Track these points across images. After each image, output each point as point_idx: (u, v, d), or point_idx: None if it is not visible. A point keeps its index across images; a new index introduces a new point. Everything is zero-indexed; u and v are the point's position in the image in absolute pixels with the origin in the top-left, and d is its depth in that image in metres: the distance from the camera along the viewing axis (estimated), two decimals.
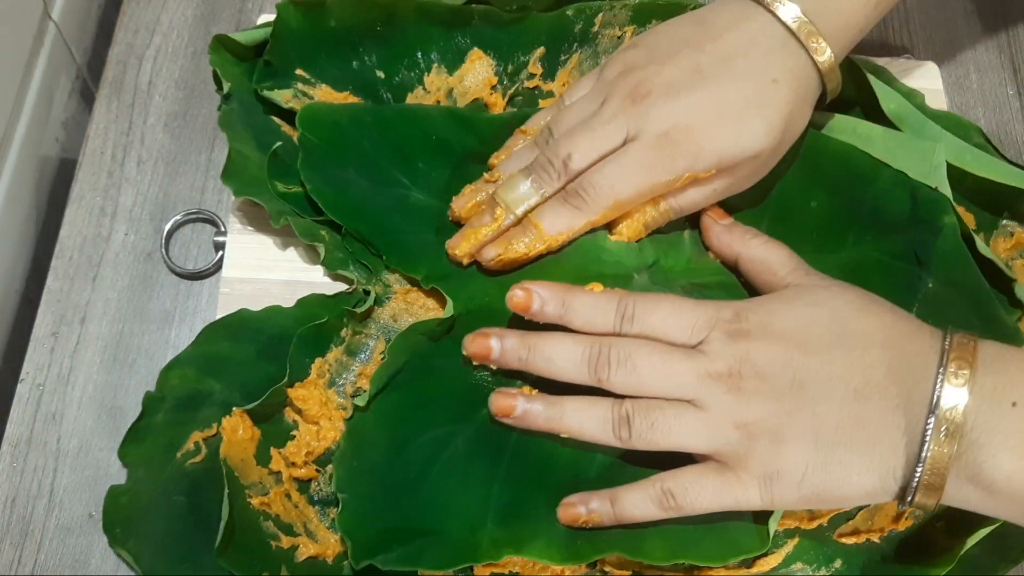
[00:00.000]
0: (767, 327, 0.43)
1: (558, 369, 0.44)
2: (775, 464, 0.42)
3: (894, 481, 0.41)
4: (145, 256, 0.54)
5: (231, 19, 0.61)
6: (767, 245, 0.49)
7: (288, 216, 0.50)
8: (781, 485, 0.42)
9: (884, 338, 0.43)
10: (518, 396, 0.45)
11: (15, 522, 0.48)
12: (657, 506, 0.43)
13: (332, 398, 0.48)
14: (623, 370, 0.43)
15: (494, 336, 0.45)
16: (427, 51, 0.55)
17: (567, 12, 0.56)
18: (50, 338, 0.52)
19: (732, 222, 0.51)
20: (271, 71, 0.53)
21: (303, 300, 0.50)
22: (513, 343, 0.45)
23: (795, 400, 0.42)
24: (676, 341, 0.44)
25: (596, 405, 0.44)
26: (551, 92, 0.56)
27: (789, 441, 0.42)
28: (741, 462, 0.42)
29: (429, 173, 0.52)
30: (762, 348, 0.43)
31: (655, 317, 0.44)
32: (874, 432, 0.41)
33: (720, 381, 0.42)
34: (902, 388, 0.41)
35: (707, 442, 0.43)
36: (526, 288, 0.45)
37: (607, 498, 0.44)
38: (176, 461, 0.47)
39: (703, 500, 0.43)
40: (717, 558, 0.44)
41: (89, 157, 0.56)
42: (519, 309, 0.46)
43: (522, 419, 0.44)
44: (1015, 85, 0.63)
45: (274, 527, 0.45)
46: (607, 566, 0.46)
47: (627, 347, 0.44)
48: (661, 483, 0.43)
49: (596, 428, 0.44)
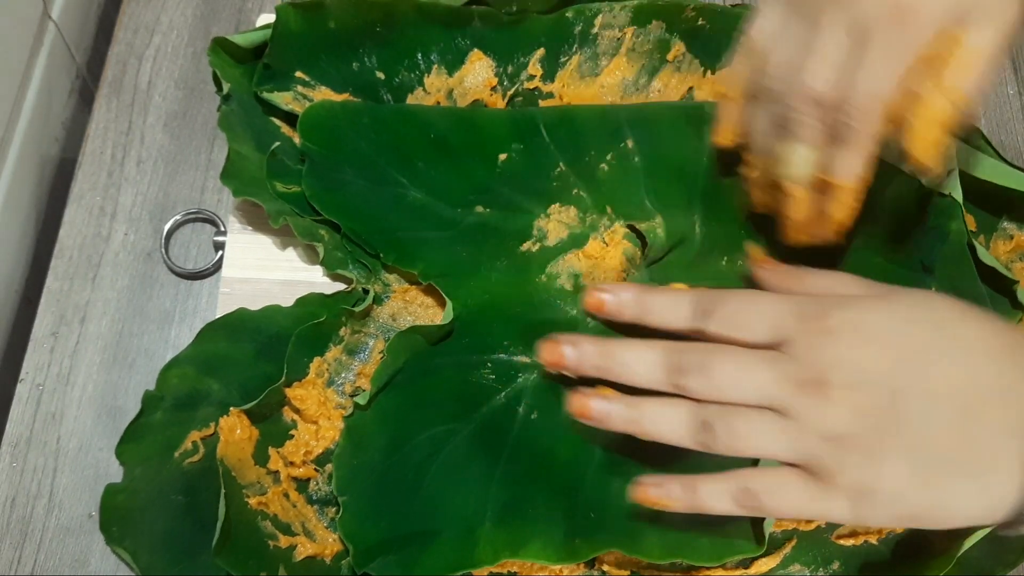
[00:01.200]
0: (857, 326, 0.40)
1: (635, 375, 0.43)
2: (868, 482, 0.39)
3: (1004, 509, 0.38)
4: (145, 256, 0.54)
5: (231, 19, 0.61)
6: (825, 274, 0.46)
7: (287, 216, 0.50)
8: (874, 504, 0.39)
9: (991, 348, 0.40)
10: (595, 396, 0.43)
11: (15, 522, 0.48)
12: (735, 503, 0.41)
13: (331, 397, 0.48)
14: (701, 377, 0.41)
15: (568, 343, 0.44)
16: (427, 52, 0.55)
17: (567, 14, 0.56)
18: (50, 338, 0.52)
19: (781, 266, 0.48)
20: (271, 73, 0.53)
21: (302, 299, 0.50)
22: (589, 350, 0.44)
23: (892, 414, 0.39)
24: (756, 341, 0.41)
25: (676, 408, 0.42)
26: (551, 93, 0.56)
27: (885, 459, 0.38)
28: (831, 475, 0.39)
29: (428, 172, 0.52)
30: (852, 353, 0.39)
31: (733, 312, 0.42)
32: (986, 456, 0.38)
33: (805, 388, 0.39)
34: (1016, 407, 0.38)
35: (792, 452, 0.40)
36: (601, 289, 0.45)
37: (685, 485, 0.42)
38: (174, 460, 0.47)
39: (785, 506, 0.40)
40: (713, 558, 0.45)
41: (89, 157, 0.56)
42: (595, 309, 0.45)
43: (600, 420, 0.43)
44: (1015, 85, 0.62)
45: (272, 527, 0.45)
46: (605, 566, 0.46)
47: (704, 353, 0.42)
48: (744, 481, 0.41)
49: (676, 431, 0.41)
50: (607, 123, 0.53)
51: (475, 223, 0.51)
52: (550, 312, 0.49)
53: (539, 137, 0.53)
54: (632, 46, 0.56)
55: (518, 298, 0.50)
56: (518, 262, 0.50)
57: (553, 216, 0.51)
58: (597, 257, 0.50)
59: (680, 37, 0.56)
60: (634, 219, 0.51)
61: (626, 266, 0.51)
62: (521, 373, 0.48)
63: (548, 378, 0.47)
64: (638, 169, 0.52)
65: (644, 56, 0.56)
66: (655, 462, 0.44)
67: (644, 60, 0.56)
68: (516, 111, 0.55)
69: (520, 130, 0.53)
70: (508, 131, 0.53)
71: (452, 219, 0.51)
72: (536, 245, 0.51)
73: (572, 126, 0.53)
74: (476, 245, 0.50)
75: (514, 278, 0.50)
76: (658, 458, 0.44)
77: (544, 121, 0.53)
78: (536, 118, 0.53)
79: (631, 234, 0.51)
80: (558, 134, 0.53)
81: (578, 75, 0.56)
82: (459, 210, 0.51)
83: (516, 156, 0.52)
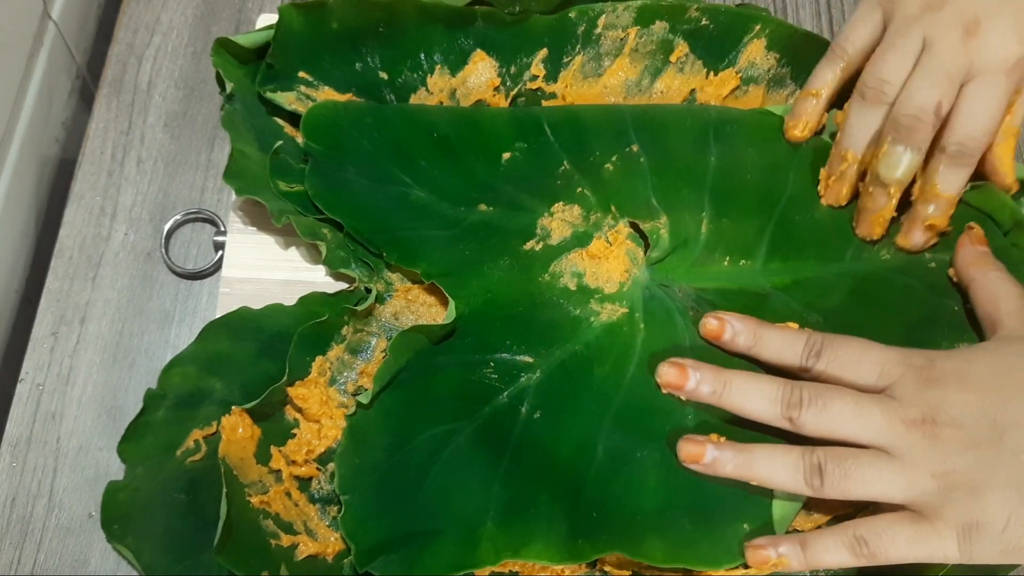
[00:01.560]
0: (961, 374, 0.42)
1: (751, 407, 0.44)
2: (975, 515, 0.40)
3: None
4: (145, 256, 0.54)
5: (231, 19, 0.61)
6: (1002, 279, 0.48)
7: (290, 215, 0.50)
8: (981, 537, 0.40)
9: None
10: (707, 443, 0.45)
11: (15, 522, 0.48)
12: (849, 552, 0.42)
13: (333, 396, 0.48)
14: (814, 410, 0.43)
15: (690, 368, 0.46)
16: (430, 52, 0.55)
17: (569, 14, 0.56)
18: (50, 338, 0.52)
19: (987, 250, 0.50)
20: (274, 74, 0.53)
21: (304, 298, 0.50)
22: (708, 376, 0.45)
23: (994, 448, 0.41)
24: (863, 383, 0.44)
25: (787, 453, 0.43)
26: (554, 93, 0.56)
27: (990, 491, 0.40)
28: (938, 512, 0.41)
29: (431, 171, 0.52)
30: (956, 395, 0.42)
31: (843, 355, 0.44)
32: None
33: (914, 428, 0.41)
34: None
35: (903, 492, 0.41)
36: (720, 317, 0.47)
37: (797, 542, 0.43)
38: (176, 459, 0.47)
39: (897, 549, 0.42)
40: (713, 563, 0.44)
41: (89, 157, 0.56)
42: (711, 336, 0.47)
43: (711, 466, 0.44)
44: None
45: (274, 525, 0.45)
46: (606, 566, 0.46)
47: (820, 389, 0.44)
48: (854, 530, 0.42)
49: (787, 476, 0.43)
50: (612, 123, 0.53)
51: (478, 222, 0.51)
52: (553, 311, 0.49)
53: (543, 136, 0.53)
54: (635, 47, 0.56)
55: (521, 297, 0.50)
56: (521, 261, 0.50)
57: (556, 215, 0.51)
58: (600, 256, 0.50)
59: (683, 38, 0.56)
60: (639, 218, 0.51)
61: (628, 266, 0.51)
62: (524, 373, 0.48)
63: (551, 378, 0.47)
64: (644, 168, 0.52)
65: (647, 57, 0.56)
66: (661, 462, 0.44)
67: (647, 61, 0.56)
68: (520, 110, 0.55)
69: (524, 129, 0.53)
70: (511, 130, 0.53)
71: (455, 218, 0.51)
72: (539, 244, 0.51)
73: (577, 125, 0.53)
74: (479, 244, 0.50)
75: (517, 277, 0.50)
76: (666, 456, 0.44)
77: (548, 120, 0.53)
78: (540, 117, 0.53)
79: (635, 234, 0.51)
80: (562, 133, 0.53)
81: (581, 75, 0.56)
82: (462, 209, 0.51)
83: (519, 155, 0.52)
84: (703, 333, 0.48)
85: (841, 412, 0.43)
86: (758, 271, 0.51)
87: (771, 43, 0.56)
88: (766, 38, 0.56)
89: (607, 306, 0.50)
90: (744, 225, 0.52)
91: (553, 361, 0.48)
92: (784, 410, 0.43)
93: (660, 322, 0.49)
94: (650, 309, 0.50)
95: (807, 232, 0.52)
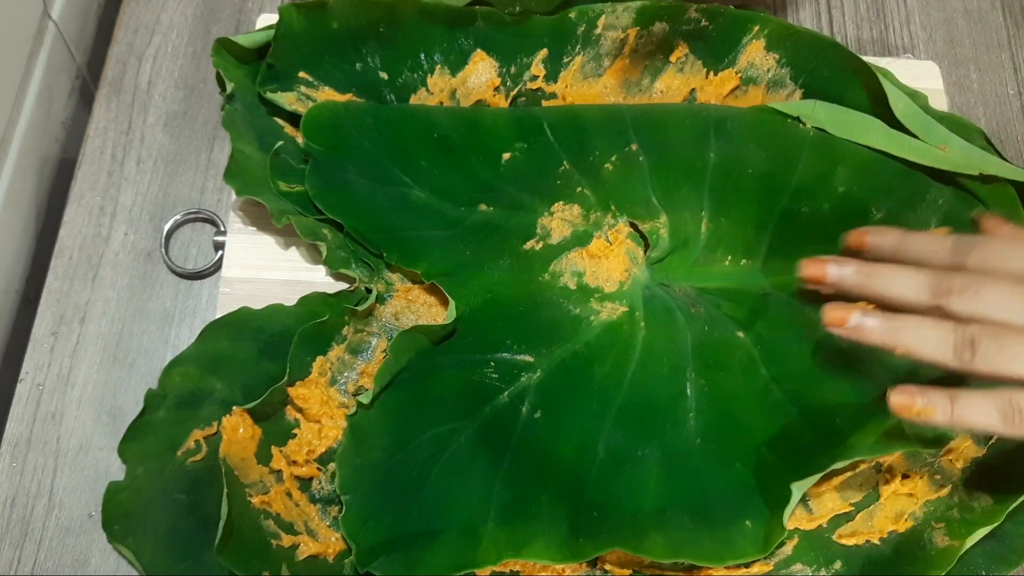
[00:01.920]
0: None
1: (897, 292, 0.44)
2: None
3: None
4: (145, 256, 0.54)
5: (231, 19, 0.61)
6: None
7: (290, 215, 0.50)
8: None
9: None
10: (854, 309, 0.44)
11: (15, 522, 0.48)
12: (1000, 418, 0.41)
13: (334, 396, 0.48)
14: (967, 295, 0.42)
15: (832, 262, 0.46)
16: (430, 52, 0.55)
17: (570, 15, 0.56)
18: (50, 338, 0.52)
19: None
20: (274, 74, 0.53)
21: (305, 298, 0.50)
22: (851, 268, 0.45)
23: None
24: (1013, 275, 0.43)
25: (937, 325, 0.43)
26: (554, 94, 0.56)
27: None
28: None
29: (431, 171, 0.52)
30: None
31: (992, 252, 0.44)
32: None
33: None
34: None
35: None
36: (865, 230, 0.47)
37: (946, 395, 0.42)
38: (177, 459, 0.47)
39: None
40: (715, 559, 0.45)
41: (89, 157, 0.56)
42: (857, 246, 0.47)
43: (855, 330, 0.44)
44: (1016, 85, 0.63)
45: (275, 526, 0.45)
46: (607, 565, 0.46)
47: (972, 276, 0.43)
48: (1011, 396, 0.41)
49: (934, 347, 0.42)
50: (612, 123, 0.53)
51: (478, 222, 0.51)
52: (553, 311, 0.49)
53: (543, 136, 0.53)
54: (635, 47, 0.56)
55: (521, 297, 0.50)
56: (521, 261, 0.50)
57: (557, 214, 0.51)
58: (601, 255, 0.50)
59: (683, 38, 0.56)
60: (639, 217, 0.51)
61: (628, 265, 0.51)
62: (524, 372, 0.48)
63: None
64: (644, 168, 0.52)
65: (647, 57, 0.56)
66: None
67: (647, 61, 0.56)
68: (520, 110, 0.55)
69: (524, 129, 0.53)
70: (512, 130, 0.53)
71: (455, 218, 0.51)
72: (539, 243, 0.51)
73: (576, 125, 0.53)
74: (479, 244, 0.50)
75: (517, 277, 0.50)
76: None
77: (548, 120, 0.53)
78: (540, 117, 0.53)
79: (635, 233, 0.51)
80: (562, 133, 0.53)
81: (581, 76, 0.56)
82: (462, 209, 0.51)
83: (520, 155, 0.52)
84: (851, 246, 0.47)
85: (995, 296, 0.42)
86: (759, 270, 0.51)
87: (771, 43, 0.56)
88: (765, 38, 0.56)
89: (607, 305, 0.50)
90: (745, 222, 0.52)
91: (554, 360, 0.48)
92: (934, 297, 0.43)
93: (661, 320, 0.49)
94: (650, 308, 0.50)
95: (814, 224, 0.52)
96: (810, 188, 0.53)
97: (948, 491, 0.48)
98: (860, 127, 0.54)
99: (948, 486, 0.48)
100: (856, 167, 0.53)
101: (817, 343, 0.49)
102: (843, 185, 0.53)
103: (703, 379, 0.48)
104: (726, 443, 0.47)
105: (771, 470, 0.46)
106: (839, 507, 0.48)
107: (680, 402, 0.47)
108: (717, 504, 0.45)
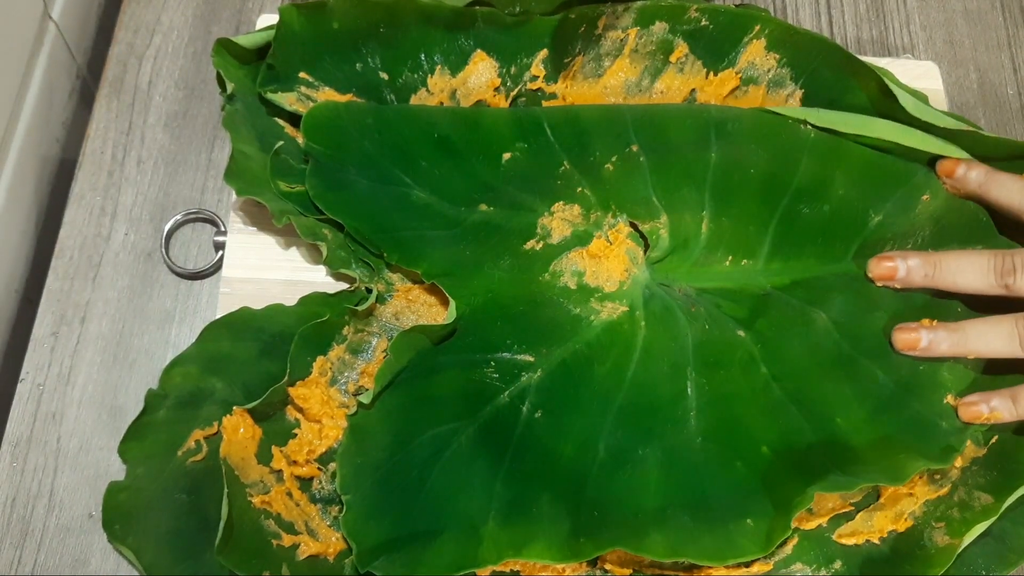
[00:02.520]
0: None
1: (964, 281, 0.46)
2: None
3: None
4: (145, 256, 0.54)
5: (231, 19, 0.61)
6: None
7: (290, 215, 0.50)
8: None
9: None
10: (920, 329, 0.47)
11: (15, 522, 0.48)
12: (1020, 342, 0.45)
13: (334, 396, 0.48)
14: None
15: (898, 258, 0.48)
16: (430, 53, 0.55)
17: (570, 15, 0.56)
18: (50, 338, 0.52)
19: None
20: (274, 74, 0.53)
21: (305, 298, 0.50)
22: (917, 262, 0.47)
23: None
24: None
25: (999, 323, 0.45)
26: (554, 94, 0.56)
27: None
28: None
29: (431, 171, 0.52)
30: None
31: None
32: None
33: None
34: None
35: None
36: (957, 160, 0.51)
37: (1008, 396, 0.45)
38: (177, 459, 0.47)
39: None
40: (716, 558, 0.45)
41: (89, 157, 0.56)
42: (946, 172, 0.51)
43: (928, 349, 0.46)
44: (1016, 85, 0.63)
45: (275, 526, 0.45)
46: (608, 564, 0.46)
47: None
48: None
49: (1001, 344, 0.46)
50: (613, 123, 0.53)
51: (479, 222, 0.51)
52: (553, 311, 0.49)
53: (543, 136, 0.53)
54: (635, 47, 0.56)
55: (522, 297, 0.50)
56: (522, 261, 0.50)
57: (557, 214, 0.51)
58: (601, 255, 0.50)
59: (683, 38, 0.56)
60: (639, 217, 0.51)
61: (628, 265, 0.51)
62: (525, 372, 0.48)
63: (553, 377, 0.47)
64: (644, 168, 0.52)
65: (647, 57, 0.56)
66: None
67: (647, 61, 0.56)
68: (520, 110, 0.55)
69: (524, 129, 0.53)
70: (512, 130, 0.53)
71: (455, 218, 0.51)
72: (540, 243, 0.51)
73: (577, 125, 0.53)
74: (480, 244, 0.50)
75: (518, 277, 0.50)
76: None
77: (548, 120, 0.53)
78: (540, 117, 0.53)
79: (635, 233, 0.51)
80: (562, 133, 0.53)
81: (581, 76, 0.56)
82: (462, 209, 0.51)
83: (520, 155, 0.52)
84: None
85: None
86: (759, 271, 0.51)
87: (771, 43, 0.56)
88: (766, 38, 0.56)
89: (607, 305, 0.50)
90: (746, 223, 0.52)
91: (554, 360, 0.48)
92: (999, 278, 0.45)
93: (661, 320, 0.49)
94: (651, 307, 0.50)
95: (814, 226, 0.52)
96: (811, 189, 0.53)
97: (948, 490, 0.48)
98: (866, 123, 0.54)
99: (948, 486, 0.48)
100: (855, 170, 0.53)
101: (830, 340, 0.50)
102: (842, 188, 0.53)
103: (704, 378, 0.48)
104: (727, 442, 0.47)
105: (772, 468, 0.46)
106: (839, 507, 0.48)
107: (681, 401, 0.47)
108: (718, 503, 0.45)
